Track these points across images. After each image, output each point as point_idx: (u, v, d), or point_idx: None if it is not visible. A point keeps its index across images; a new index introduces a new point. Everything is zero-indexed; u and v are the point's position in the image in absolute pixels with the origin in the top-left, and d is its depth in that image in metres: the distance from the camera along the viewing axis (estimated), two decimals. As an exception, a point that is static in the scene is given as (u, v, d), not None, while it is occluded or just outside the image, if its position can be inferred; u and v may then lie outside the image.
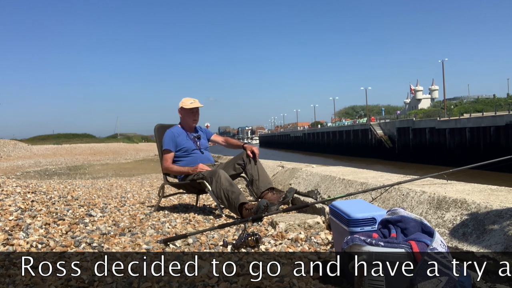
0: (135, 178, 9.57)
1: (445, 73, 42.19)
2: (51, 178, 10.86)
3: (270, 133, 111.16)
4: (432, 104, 64.06)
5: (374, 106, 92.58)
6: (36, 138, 68.56)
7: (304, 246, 2.17)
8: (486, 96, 62.07)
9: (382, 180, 2.78)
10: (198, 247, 2.16)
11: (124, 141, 73.18)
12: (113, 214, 3.11)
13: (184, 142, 3.41)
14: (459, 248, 1.66)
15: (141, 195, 4.94)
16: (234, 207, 2.93)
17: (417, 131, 30.79)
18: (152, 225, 2.72)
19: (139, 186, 6.73)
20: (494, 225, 1.62)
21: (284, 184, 4.07)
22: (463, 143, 25.82)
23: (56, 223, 2.62)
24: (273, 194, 3.15)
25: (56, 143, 53.49)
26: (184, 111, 3.45)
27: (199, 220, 2.94)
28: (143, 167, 15.99)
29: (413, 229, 1.42)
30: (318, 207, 2.93)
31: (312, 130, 61.52)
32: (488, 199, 1.84)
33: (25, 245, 2.10)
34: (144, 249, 2.11)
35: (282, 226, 2.50)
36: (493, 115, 25.51)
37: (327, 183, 3.23)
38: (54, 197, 3.79)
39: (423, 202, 2.10)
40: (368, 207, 1.74)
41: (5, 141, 40.88)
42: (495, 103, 46.23)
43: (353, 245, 1.37)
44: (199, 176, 3.17)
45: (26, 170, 15.42)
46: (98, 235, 2.36)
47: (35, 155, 29.26)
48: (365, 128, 40.03)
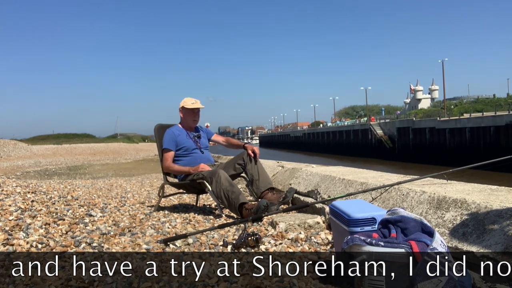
0: (135, 178, 9.57)
1: (445, 73, 42.32)
2: (51, 178, 10.86)
3: (270, 133, 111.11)
4: (432, 104, 64.10)
5: (374, 106, 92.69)
6: (36, 138, 68.56)
7: (304, 246, 2.17)
8: (486, 96, 62.11)
9: (382, 180, 2.78)
10: (198, 247, 2.16)
11: (124, 141, 73.18)
12: (113, 214, 3.11)
13: (184, 142, 3.41)
14: (459, 248, 1.66)
15: (141, 195, 4.94)
16: (234, 207, 2.93)
17: (417, 131, 30.79)
18: (152, 225, 2.72)
19: (139, 186, 6.73)
20: (494, 225, 1.63)
21: (284, 184, 4.07)
22: (463, 143, 25.82)
23: (56, 223, 2.62)
24: (273, 194, 3.15)
25: (56, 143, 53.47)
26: (185, 111, 3.46)
27: (199, 220, 2.94)
28: (143, 167, 15.99)
29: (413, 229, 1.42)
30: (318, 207, 2.93)
31: (312, 130, 61.52)
32: (488, 199, 1.84)
33: (25, 245, 2.10)
34: (144, 249, 2.11)
35: (282, 226, 2.50)
36: (493, 115, 25.50)
37: (327, 183, 3.23)
38: (54, 197, 3.79)
39: (423, 202, 2.10)
40: (368, 207, 1.74)
41: (5, 141, 40.90)
42: (495, 103, 46.23)
43: (353, 245, 1.37)
44: (199, 176, 3.17)
45: (26, 170, 15.42)
46: (98, 235, 2.36)
47: (35, 155, 29.27)
48: (365, 128, 40.02)
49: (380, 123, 39.67)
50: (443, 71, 42.27)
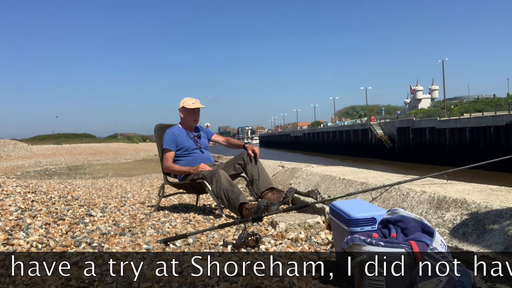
0: (135, 178, 9.57)
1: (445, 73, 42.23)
2: (51, 178, 10.87)
3: (270, 133, 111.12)
4: (432, 104, 64.10)
5: (374, 106, 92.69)
6: (36, 138, 68.48)
7: (304, 246, 2.17)
8: (486, 96, 62.10)
9: (382, 180, 2.78)
10: (198, 247, 2.16)
11: (124, 141, 73.15)
12: (113, 214, 3.11)
13: (184, 142, 3.41)
14: (459, 248, 1.66)
15: (141, 195, 4.94)
16: (234, 207, 2.93)
17: (417, 131, 30.78)
18: (152, 225, 2.72)
19: (139, 186, 6.73)
20: (494, 225, 1.62)
21: (284, 184, 4.07)
22: (463, 143, 25.81)
23: (56, 223, 2.62)
24: (273, 194, 3.15)
25: (56, 143, 53.45)
26: (185, 111, 3.46)
27: (199, 220, 2.94)
28: (143, 167, 15.99)
29: (413, 229, 1.42)
30: (318, 207, 2.93)
31: (312, 130, 61.51)
32: (488, 199, 1.84)
33: (25, 245, 2.10)
34: (144, 249, 2.11)
35: (282, 226, 2.50)
36: (493, 115, 25.49)
37: (327, 183, 3.23)
38: (54, 197, 3.79)
39: (423, 202, 2.10)
40: (368, 207, 1.74)
41: (5, 141, 40.92)
42: (495, 103, 46.24)
43: (353, 245, 1.37)
44: (199, 176, 3.17)
45: (26, 170, 15.43)
46: (98, 235, 2.36)
47: (35, 155, 29.28)
48: (365, 128, 40.02)
49: (380, 123, 39.66)
50: (443, 71, 42.14)
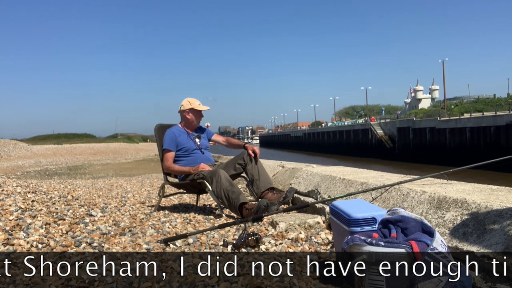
0: (136, 178, 9.57)
1: (445, 73, 41.99)
2: (52, 178, 10.87)
3: (270, 133, 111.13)
4: (433, 104, 64.09)
5: (374, 106, 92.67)
6: (36, 138, 68.41)
7: (304, 246, 2.17)
8: (486, 96, 62.08)
9: (382, 180, 2.78)
10: (198, 247, 2.16)
11: (124, 141, 73.11)
12: (113, 214, 3.11)
13: (184, 142, 3.41)
14: (459, 248, 1.66)
15: (141, 195, 4.94)
16: (234, 207, 2.93)
17: (417, 131, 30.78)
18: (152, 225, 2.72)
19: (139, 186, 6.73)
20: (495, 225, 1.62)
21: (284, 184, 4.07)
22: (463, 143, 25.80)
23: (56, 223, 2.62)
24: (273, 194, 3.15)
25: (56, 143, 53.44)
26: (194, 112, 3.46)
27: (200, 220, 2.94)
28: (143, 167, 16.00)
29: (414, 229, 1.42)
30: (318, 207, 2.93)
31: (312, 130, 61.52)
32: (488, 199, 1.84)
33: (25, 245, 2.10)
34: (144, 249, 2.11)
35: (282, 226, 2.50)
36: (493, 115, 25.49)
37: (327, 183, 3.23)
38: (54, 197, 3.79)
39: (424, 202, 2.10)
40: (368, 207, 1.74)
41: (5, 141, 40.95)
42: (496, 103, 46.22)
43: (353, 245, 1.37)
44: (199, 176, 3.17)
45: (26, 170, 15.44)
46: (99, 235, 2.36)
47: (36, 155, 29.30)
48: (365, 128, 40.02)
49: (380, 123, 39.66)
50: (443, 71, 42.05)
